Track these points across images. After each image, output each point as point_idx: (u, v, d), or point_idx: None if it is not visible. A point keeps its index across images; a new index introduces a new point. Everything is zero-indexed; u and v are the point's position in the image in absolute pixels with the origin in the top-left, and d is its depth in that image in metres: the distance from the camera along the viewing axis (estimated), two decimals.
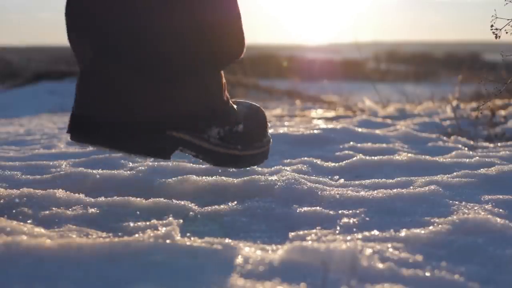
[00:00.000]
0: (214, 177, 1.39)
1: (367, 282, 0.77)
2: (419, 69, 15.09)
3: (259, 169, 1.53)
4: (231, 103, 1.27)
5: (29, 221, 1.05)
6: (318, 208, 1.14)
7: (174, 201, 1.19)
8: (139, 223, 1.04)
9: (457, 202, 1.19)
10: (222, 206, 1.18)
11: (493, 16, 1.53)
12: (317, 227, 1.03)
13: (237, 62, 1.26)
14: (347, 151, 1.84)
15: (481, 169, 1.47)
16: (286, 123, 2.87)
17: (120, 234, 0.99)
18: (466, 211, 1.11)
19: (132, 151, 1.19)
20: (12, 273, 0.74)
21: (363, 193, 1.25)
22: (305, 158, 1.69)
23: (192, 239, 0.93)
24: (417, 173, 1.50)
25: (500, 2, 1.68)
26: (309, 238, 0.97)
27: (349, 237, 0.96)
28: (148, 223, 1.03)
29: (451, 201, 1.19)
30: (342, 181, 1.42)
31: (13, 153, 2.03)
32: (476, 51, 23.22)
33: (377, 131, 2.32)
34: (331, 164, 1.62)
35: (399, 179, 1.40)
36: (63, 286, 0.72)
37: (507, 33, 1.56)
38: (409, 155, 1.69)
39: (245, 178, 1.38)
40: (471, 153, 1.81)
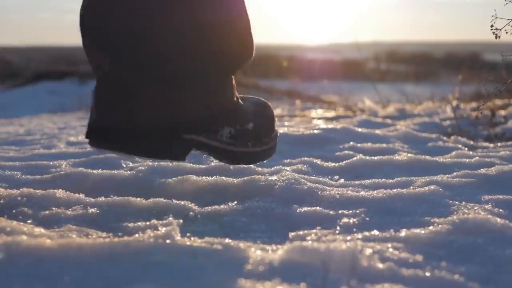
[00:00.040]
0: (214, 177, 1.39)
1: (367, 282, 0.77)
2: (419, 69, 15.10)
3: (259, 169, 1.53)
4: (240, 102, 1.30)
5: (29, 221, 1.05)
6: (318, 208, 1.14)
7: (174, 201, 1.19)
8: (139, 223, 1.04)
9: (457, 202, 1.19)
10: (222, 206, 1.18)
11: (493, 16, 1.53)
12: (317, 227, 1.03)
13: (248, 64, 1.27)
14: (347, 151, 1.84)
15: (481, 169, 1.47)
16: (286, 123, 2.87)
17: (120, 234, 0.99)
18: (466, 211, 1.11)
19: (150, 156, 1.23)
20: (12, 273, 0.74)
21: (363, 193, 1.25)
22: (305, 158, 1.69)
23: (192, 239, 0.93)
24: (417, 173, 1.49)
25: (500, 2, 1.68)
26: (309, 238, 0.97)
27: (349, 237, 0.96)
28: (148, 223, 1.03)
29: (451, 201, 1.19)
30: (342, 181, 1.42)
31: (13, 153, 2.03)
32: (476, 51, 23.24)
33: (377, 131, 2.31)
34: (331, 164, 1.62)
35: (399, 179, 1.40)
36: (63, 286, 0.72)
37: (507, 33, 1.56)
38: (409, 155, 1.69)
39: (245, 178, 1.38)
40: (471, 153, 1.81)
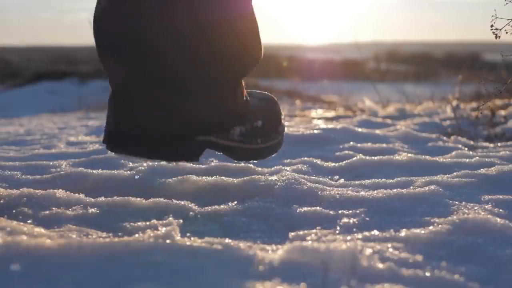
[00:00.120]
0: (214, 177, 1.39)
1: (367, 282, 0.77)
2: (419, 69, 15.09)
3: (259, 169, 1.53)
4: (248, 101, 1.32)
5: (29, 221, 1.05)
6: (318, 208, 1.14)
7: (174, 201, 1.19)
8: (139, 223, 1.04)
9: (457, 202, 1.19)
10: (222, 206, 1.18)
11: (493, 16, 1.53)
12: (317, 227, 1.03)
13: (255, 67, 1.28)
14: (347, 151, 1.84)
15: (481, 169, 1.47)
16: (286, 123, 2.87)
17: (120, 234, 0.99)
18: (466, 211, 1.11)
19: (167, 158, 1.26)
20: (12, 273, 0.74)
21: (363, 193, 1.25)
22: (305, 158, 1.69)
23: (192, 239, 0.93)
24: (417, 173, 1.49)
25: (500, 2, 1.68)
26: (309, 238, 0.97)
27: (349, 237, 0.96)
28: (148, 223, 1.03)
29: (451, 201, 1.19)
30: (342, 181, 1.42)
31: (13, 153, 2.03)
32: (476, 51, 23.23)
33: (377, 131, 2.31)
34: (331, 164, 1.62)
35: (399, 179, 1.40)
36: (63, 286, 0.72)
37: (507, 33, 1.56)
38: (409, 155, 1.69)
39: (245, 178, 1.38)
40: (471, 153, 1.81)
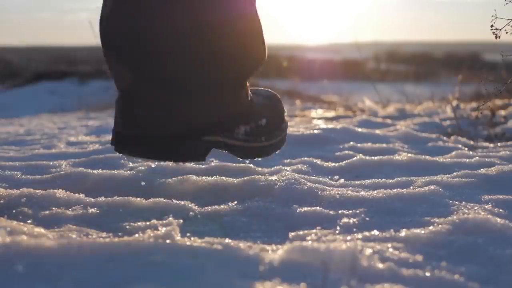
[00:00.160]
0: (214, 177, 1.39)
1: (367, 282, 0.77)
2: (419, 69, 15.08)
3: (259, 169, 1.53)
4: (253, 100, 1.33)
5: (29, 221, 1.05)
6: (318, 208, 1.14)
7: (174, 201, 1.19)
8: (139, 223, 1.04)
9: (457, 202, 1.19)
10: (222, 206, 1.18)
11: (493, 16, 1.53)
12: (317, 227, 1.03)
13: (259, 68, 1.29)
14: (347, 151, 1.84)
15: (481, 169, 1.46)
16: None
17: (120, 234, 0.99)
18: (466, 211, 1.11)
19: (175, 159, 1.27)
20: (12, 273, 0.74)
21: (363, 193, 1.25)
22: (305, 158, 1.69)
23: (192, 239, 0.93)
24: (417, 173, 1.49)
25: (500, 2, 1.68)
26: (309, 238, 0.97)
27: (349, 237, 0.96)
28: (148, 223, 1.03)
29: (451, 201, 1.19)
30: (342, 181, 1.42)
31: (13, 153, 2.03)
32: (476, 51, 23.23)
33: (377, 131, 2.31)
34: (331, 164, 1.62)
35: (399, 179, 1.40)
36: (63, 286, 0.72)
37: (507, 33, 1.56)
38: (409, 155, 1.69)
39: (245, 178, 1.38)
40: (471, 153, 1.81)
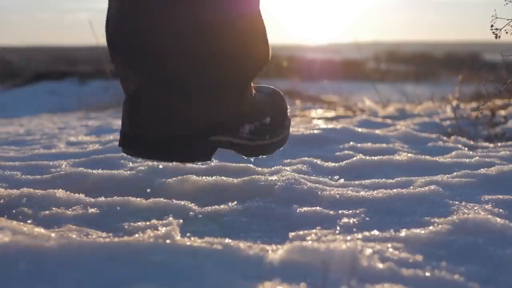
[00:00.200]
0: (214, 177, 1.39)
1: (367, 282, 0.77)
2: (419, 69, 15.07)
3: (259, 169, 1.53)
4: (256, 98, 1.33)
5: (29, 221, 1.05)
6: (318, 208, 1.14)
7: (174, 201, 1.19)
8: (139, 223, 1.04)
9: (457, 202, 1.19)
10: (222, 206, 1.18)
11: (493, 16, 1.53)
12: (317, 227, 1.03)
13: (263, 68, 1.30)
14: (347, 151, 1.84)
15: (481, 169, 1.46)
16: None
17: (120, 234, 0.99)
18: (466, 211, 1.11)
19: (181, 160, 1.27)
20: (12, 273, 0.74)
21: (363, 193, 1.25)
22: (305, 158, 1.69)
23: (192, 239, 0.93)
24: (417, 173, 1.49)
25: (500, 2, 1.67)
26: (309, 238, 0.97)
27: (349, 237, 0.96)
28: (148, 223, 1.03)
29: (451, 201, 1.19)
30: (342, 181, 1.42)
31: (13, 153, 2.03)
32: (476, 51, 23.22)
33: (377, 131, 2.31)
34: (331, 164, 1.62)
35: (399, 179, 1.40)
36: (63, 286, 0.72)
37: (507, 33, 1.56)
38: (409, 155, 1.69)
39: (245, 178, 1.38)
40: (471, 153, 1.81)
